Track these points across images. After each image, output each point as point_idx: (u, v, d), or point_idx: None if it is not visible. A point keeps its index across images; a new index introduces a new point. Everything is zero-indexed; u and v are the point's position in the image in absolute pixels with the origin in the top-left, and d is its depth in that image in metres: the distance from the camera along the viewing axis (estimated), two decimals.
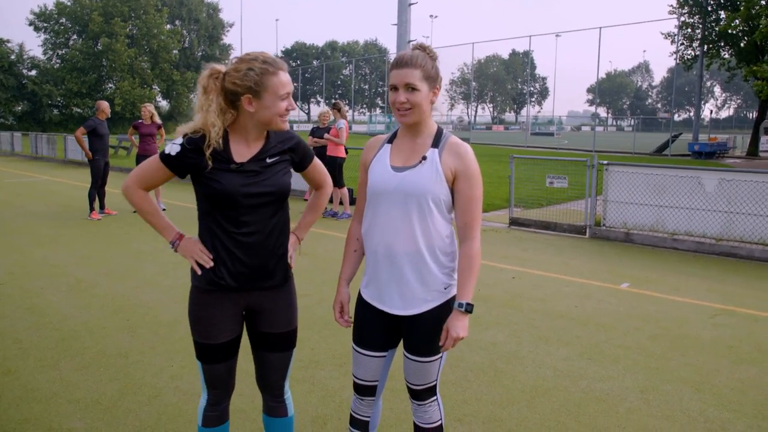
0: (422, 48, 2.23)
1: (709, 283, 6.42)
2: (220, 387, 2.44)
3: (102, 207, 10.40)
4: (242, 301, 2.35)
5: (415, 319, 2.26)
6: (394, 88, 2.18)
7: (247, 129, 2.25)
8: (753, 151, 30.83)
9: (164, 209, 11.05)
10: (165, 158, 2.25)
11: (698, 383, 3.93)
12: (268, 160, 2.28)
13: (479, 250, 2.23)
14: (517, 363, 4.21)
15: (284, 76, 2.19)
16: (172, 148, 2.25)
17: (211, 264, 2.27)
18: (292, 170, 2.40)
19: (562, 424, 3.37)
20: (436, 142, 2.23)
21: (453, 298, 2.27)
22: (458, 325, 2.17)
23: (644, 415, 3.49)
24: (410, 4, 12.43)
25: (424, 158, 2.20)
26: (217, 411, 2.48)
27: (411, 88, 2.15)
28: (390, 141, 2.33)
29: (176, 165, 2.24)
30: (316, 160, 2.52)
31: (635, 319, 5.17)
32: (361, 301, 2.40)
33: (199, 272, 2.29)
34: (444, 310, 2.25)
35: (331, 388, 3.78)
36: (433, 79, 2.19)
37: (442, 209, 2.22)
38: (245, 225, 2.26)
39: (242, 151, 2.26)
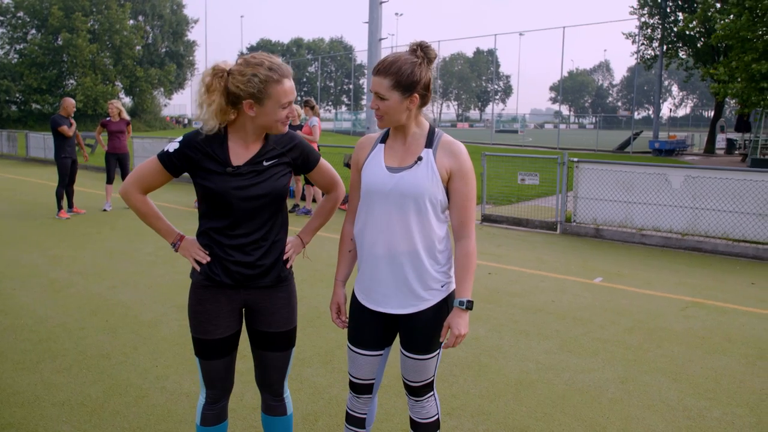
0: (414, 49, 2.20)
1: (678, 277, 6.63)
2: (218, 385, 2.44)
3: (70, 206, 10.18)
4: (238, 298, 2.36)
5: (413, 317, 2.29)
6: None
7: (246, 130, 2.26)
8: (710, 148, 31.73)
9: None
10: (163, 156, 2.27)
11: (675, 373, 4.07)
12: (265, 163, 2.28)
13: (475, 248, 2.28)
14: (501, 357, 4.30)
15: (288, 84, 2.19)
16: (171, 145, 2.27)
17: (208, 259, 2.30)
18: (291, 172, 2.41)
19: (548, 416, 3.46)
20: (430, 141, 2.26)
21: (450, 296, 2.32)
22: (460, 322, 2.22)
23: (626, 405, 3.60)
24: (381, 2, 12.46)
25: (420, 159, 2.23)
26: (215, 410, 2.48)
27: (379, 97, 2.19)
28: (383, 140, 2.34)
29: (174, 163, 2.26)
30: (324, 162, 2.50)
31: (610, 313, 5.32)
32: (355, 301, 2.41)
33: (198, 269, 2.32)
34: (442, 307, 2.29)
35: (319, 386, 3.80)
36: (408, 86, 2.16)
37: (437, 209, 2.25)
38: (240, 226, 2.27)
39: (240, 153, 2.27)
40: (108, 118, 10.56)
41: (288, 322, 2.44)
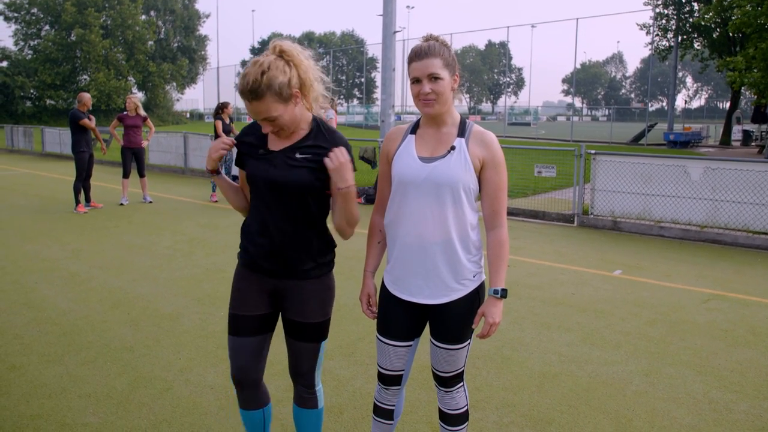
0: (434, 38, 2.22)
1: (698, 269, 6.57)
2: (239, 365, 2.42)
3: (88, 200, 10.26)
4: (268, 281, 2.38)
5: (445, 307, 2.28)
6: (417, 81, 2.17)
7: None
8: (726, 140, 31.40)
9: (150, 202, 10.94)
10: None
11: (699, 366, 4.03)
12: (298, 155, 2.27)
13: (507, 237, 2.28)
14: (523, 350, 4.28)
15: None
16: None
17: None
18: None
19: (573, 408, 3.44)
20: (462, 131, 2.25)
21: (481, 286, 2.32)
22: (494, 311, 2.22)
23: (651, 397, 3.58)
24: None
25: (453, 148, 2.22)
26: (243, 396, 2.50)
27: (434, 77, 2.15)
28: (413, 131, 2.33)
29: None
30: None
31: (631, 305, 5.28)
32: (385, 292, 2.40)
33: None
34: (473, 297, 2.29)
35: (342, 378, 3.81)
36: (452, 66, 2.19)
37: (471, 198, 2.24)
38: (266, 212, 2.30)
39: (280, 140, 2.31)
40: (125, 113, 10.61)
41: (318, 314, 2.41)
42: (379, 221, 2.45)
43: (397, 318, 2.37)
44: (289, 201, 2.28)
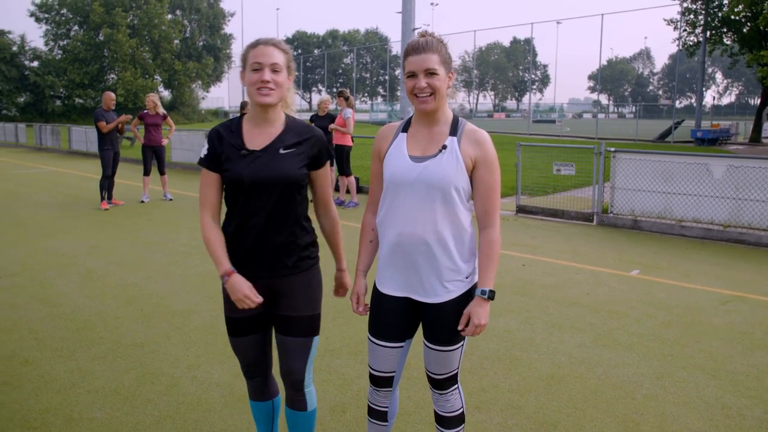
0: (431, 35, 2.20)
1: (718, 270, 6.42)
2: (248, 362, 2.52)
3: (110, 197, 10.41)
4: (257, 281, 2.34)
5: (437, 308, 2.25)
6: (413, 75, 2.15)
7: (251, 112, 2.32)
8: (755, 137, 30.71)
9: (171, 199, 11.04)
10: (201, 161, 2.34)
11: (713, 370, 3.94)
12: (282, 151, 2.28)
13: (499, 237, 2.23)
14: (532, 350, 4.22)
15: (261, 48, 2.23)
16: (203, 148, 2.35)
17: (259, 301, 2.25)
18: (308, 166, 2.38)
19: (580, 411, 3.38)
20: (454, 130, 2.21)
21: (475, 287, 2.27)
22: (480, 312, 2.18)
23: (662, 401, 3.50)
24: None
25: (444, 147, 2.18)
26: (252, 385, 2.60)
27: (431, 72, 2.12)
28: (404, 130, 2.30)
29: (211, 161, 2.31)
30: (327, 169, 2.46)
31: (647, 306, 5.18)
32: (376, 292, 2.38)
33: (240, 308, 2.28)
34: (466, 298, 2.25)
35: (348, 377, 3.79)
36: (448, 63, 2.17)
37: (463, 198, 2.20)
38: (248, 212, 2.29)
39: (256, 139, 2.30)
40: (146, 111, 10.74)
41: (309, 308, 2.41)
42: (372, 220, 2.42)
43: (389, 319, 2.34)
44: (278, 197, 2.28)
